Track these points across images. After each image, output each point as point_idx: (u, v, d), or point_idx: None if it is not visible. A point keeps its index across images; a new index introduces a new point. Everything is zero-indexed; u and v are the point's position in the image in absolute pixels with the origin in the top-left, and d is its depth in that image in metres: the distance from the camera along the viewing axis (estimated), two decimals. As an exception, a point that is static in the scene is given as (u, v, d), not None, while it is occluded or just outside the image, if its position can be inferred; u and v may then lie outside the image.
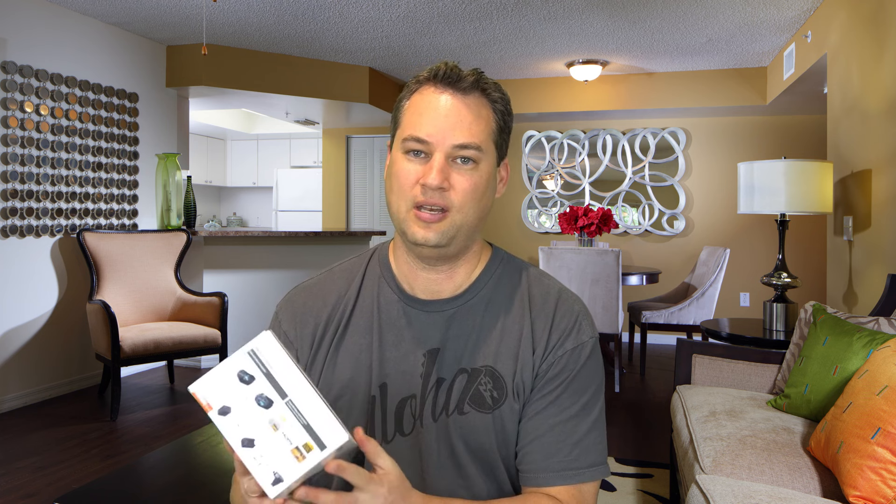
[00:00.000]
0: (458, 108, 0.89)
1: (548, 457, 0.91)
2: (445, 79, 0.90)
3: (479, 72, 0.92)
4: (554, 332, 0.95)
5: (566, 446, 0.91)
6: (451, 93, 0.90)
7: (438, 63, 0.92)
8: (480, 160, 0.90)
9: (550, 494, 0.90)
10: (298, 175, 7.95)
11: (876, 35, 2.97)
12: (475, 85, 0.91)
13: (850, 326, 1.95)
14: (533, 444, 0.92)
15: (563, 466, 0.91)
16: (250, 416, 0.67)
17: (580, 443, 0.92)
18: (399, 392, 0.94)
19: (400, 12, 4.10)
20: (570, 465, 0.91)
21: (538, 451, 0.91)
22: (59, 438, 3.26)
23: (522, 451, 0.92)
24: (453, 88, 0.90)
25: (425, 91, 0.91)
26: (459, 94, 0.90)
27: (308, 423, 0.66)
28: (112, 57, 4.45)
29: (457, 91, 0.90)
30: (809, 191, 2.93)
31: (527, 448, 0.92)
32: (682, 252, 6.01)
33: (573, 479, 0.91)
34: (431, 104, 0.89)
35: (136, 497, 1.62)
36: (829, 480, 1.60)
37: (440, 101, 0.89)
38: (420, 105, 0.90)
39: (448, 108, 0.89)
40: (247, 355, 0.67)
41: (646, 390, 4.30)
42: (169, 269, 4.27)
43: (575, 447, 0.91)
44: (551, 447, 0.91)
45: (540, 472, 0.91)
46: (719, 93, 5.43)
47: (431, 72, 0.91)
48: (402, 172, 0.90)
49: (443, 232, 0.89)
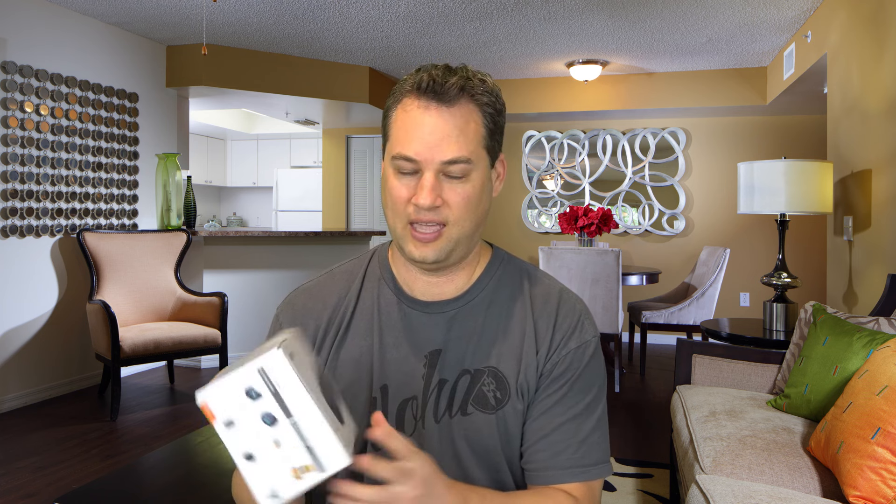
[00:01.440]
0: (442, 122, 0.86)
1: (554, 455, 0.91)
2: (429, 91, 0.87)
3: (464, 75, 0.88)
4: (557, 331, 0.95)
5: (572, 444, 0.92)
6: (436, 106, 0.87)
7: (422, 72, 0.88)
8: (471, 172, 0.88)
9: (566, 490, 0.91)
10: (298, 175, 7.95)
11: (876, 35, 2.97)
12: (461, 92, 0.87)
13: (850, 326, 1.95)
14: (539, 443, 0.92)
15: (570, 464, 0.91)
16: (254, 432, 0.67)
17: (586, 441, 0.93)
18: (400, 394, 0.94)
19: (400, 12, 4.10)
20: (577, 462, 0.91)
21: (545, 449, 0.92)
22: (59, 438, 3.26)
23: (529, 450, 0.93)
24: (437, 101, 0.87)
25: (409, 106, 0.88)
26: (444, 106, 0.86)
27: (310, 445, 0.66)
28: (112, 57, 4.45)
29: (441, 104, 0.86)
30: (809, 191, 2.93)
31: (533, 447, 0.92)
32: (682, 252, 6.01)
33: (581, 477, 0.91)
34: (416, 121, 0.87)
35: (136, 497, 1.62)
36: (829, 480, 1.61)
37: (425, 119, 0.87)
38: (406, 122, 0.88)
39: (433, 124, 0.86)
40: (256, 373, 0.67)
41: (646, 390, 4.30)
42: (169, 269, 4.27)
43: (581, 445, 0.92)
44: (558, 445, 0.92)
45: (547, 469, 0.91)
46: (719, 93, 5.43)
47: (415, 83, 0.87)
48: (395, 191, 0.89)
49: (440, 249, 0.89)
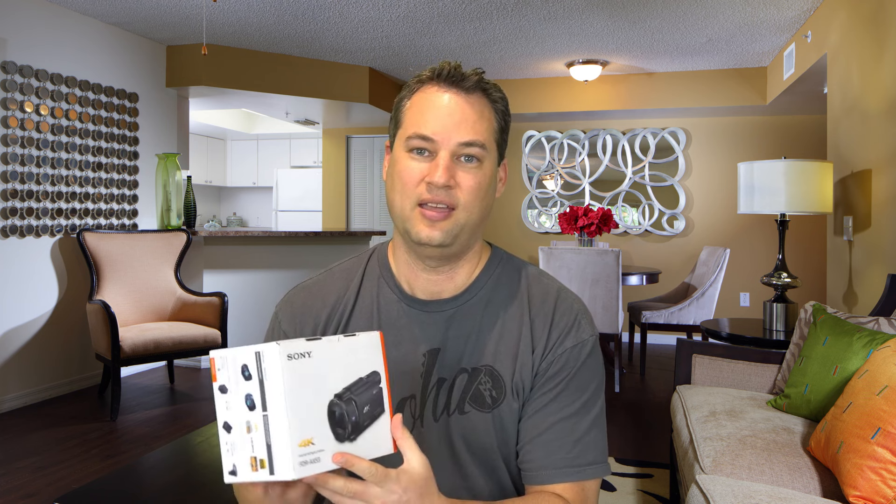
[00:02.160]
0: (462, 106, 0.89)
1: (549, 454, 0.91)
2: (449, 78, 0.90)
3: (480, 72, 0.92)
4: (553, 330, 0.95)
5: (567, 444, 0.91)
6: (455, 91, 0.90)
7: (441, 63, 0.92)
8: (484, 158, 0.91)
9: (556, 493, 0.90)
10: (298, 175, 7.95)
11: (876, 35, 2.97)
12: (477, 85, 0.91)
13: (850, 326, 1.95)
14: (534, 443, 0.92)
15: (564, 464, 0.90)
16: (236, 407, 0.70)
17: (581, 440, 0.92)
18: (399, 392, 0.94)
19: (400, 12, 4.10)
20: (572, 462, 0.91)
21: (539, 448, 0.91)
22: (59, 438, 3.26)
23: (523, 449, 0.93)
24: (457, 87, 0.90)
25: (428, 90, 0.91)
26: (463, 93, 0.90)
27: (270, 443, 0.67)
28: (112, 57, 4.45)
29: (460, 90, 0.90)
30: (809, 191, 2.93)
31: (528, 446, 0.92)
32: (682, 252, 6.01)
33: (574, 477, 0.90)
34: (435, 102, 0.89)
35: (136, 497, 1.62)
36: (829, 480, 1.60)
37: (444, 100, 0.89)
38: (423, 103, 0.90)
39: (452, 106, 0.89)
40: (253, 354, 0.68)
41: (646, 390, 4.30)
42: (169, 269, 4.27)
43: (576, 445, 0.91)
44: (552, 445, 0.91)
45: (541, 469, 0.91)
46: (719, 93, 5.43)
47: (434, 71, 0.91)
48: (407, 171, 0.89)
49: (447, 231, 0.89)
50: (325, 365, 0.71)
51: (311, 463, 0.67)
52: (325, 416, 0.69)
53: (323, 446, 0.68)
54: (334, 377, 0.71)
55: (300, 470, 0.66)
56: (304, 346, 0.69)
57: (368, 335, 0.75)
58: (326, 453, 0.69)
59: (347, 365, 0.72)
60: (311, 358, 0.69)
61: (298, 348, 0.68)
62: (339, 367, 0.72)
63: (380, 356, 0.75)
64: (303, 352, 0.69)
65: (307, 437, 0.67)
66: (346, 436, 0.71)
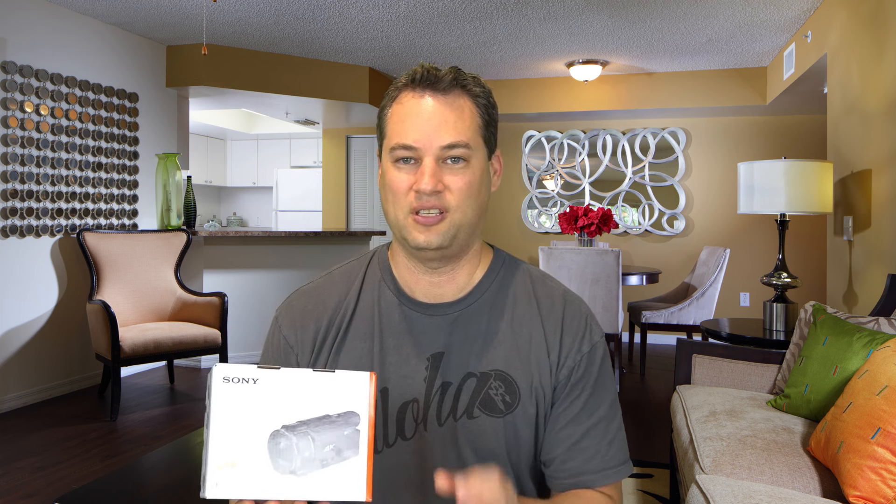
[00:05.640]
0: (440, 108, 0.88)
1: (587, 460, 0.93)
2: (423, 81, 0.89)
3: (456, 69, 0.91)
4: (566, 335, 0.95)
5: (602, 447, 0.93)
6: (431, 94, 0.89)
7: (417, 65, 0.91)
8: (471, 157, 0.90)
9: (602, 491, 0.93)
10: (298, 175, 7.95)
11: (876, 35, 2.97)
12: (454, 83, 0.90)
13: (850, 326, 1.95)
14: (570, 451, 0.93)
15: (602, 466, 0.93)
16: None
17: (613, 442, 0.95)
18: (400, 396, 0.93)
19: (400, 12, 4.10)
20: (608, 464, 0.93)
21: (577, 456, 0.93)
22: (59, 438, 3.26)
23: (558, 458, 0.93)
24: (432, 90, 0.89)
25: (405, 97, 0.90)
26: (440, 94, 0.89)
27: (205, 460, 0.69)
28: (112, 57, 4.45)
29: (436, 92, 0.89)
30: (809, 191, 2.93)
31: (564, 455, 0.93)
32: (682, 252, 6.01)
33: (612, 478, 0.93)
34: (413, 109, 0.89)
35: (136, 497, 1.62)
36: (829, 480, 1.60)
37: (421, 105, 0.88)
38: (402, 112, 0.89)
39: (430, 110, 0.88)
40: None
41: (646, 390, 4.30)
42: (169, 269, 4.27)
43: (610, 447, 0.94)
44: (589, 451, 0.93)
45: (581, 475, 0.92)
46: (719, 93, 5.43)
47: (409, 76, 0.90)
48: (395, 181, 0.89)
49: (443, 233, 0.89)
50: (276, 394, 0.69)
51: (228, 486, 0.67)
52: (264, 444, 0.68)
53: (252, 473, 0.67)
54: (289, 408, 0.69)
55: (213, 490, 0.67)
56: (249, 372, 0.69)
57: (354, 374, 0.71)
58: (258, 482, 0.68)
59: (313, 399, 0.70)
60: (255, 385, 0.68)
61: (241, 373, 0.68)
62: (299, 400, 0.70)
63: (365, 398, 0.71)
64: (245, 377, 0.69)
65: (230, 461, 0.67)
66: (291, 469, 0.69)
